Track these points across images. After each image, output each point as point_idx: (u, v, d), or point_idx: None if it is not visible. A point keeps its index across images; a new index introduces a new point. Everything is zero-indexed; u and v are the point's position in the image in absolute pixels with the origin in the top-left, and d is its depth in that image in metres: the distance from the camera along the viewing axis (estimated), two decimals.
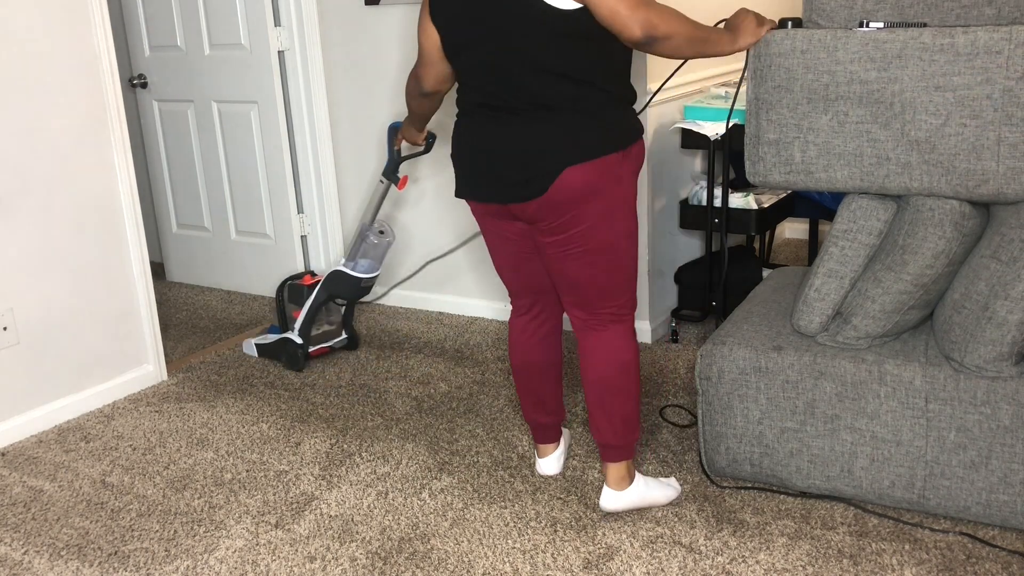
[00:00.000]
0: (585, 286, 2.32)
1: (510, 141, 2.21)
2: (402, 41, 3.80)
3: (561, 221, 2.22)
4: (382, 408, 3.17)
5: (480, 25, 2.16)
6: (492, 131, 2.24)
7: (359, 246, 3.42)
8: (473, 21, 2.17)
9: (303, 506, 2.59)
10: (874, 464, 2.38)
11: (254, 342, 3.64)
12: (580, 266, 2.28)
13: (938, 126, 2.20)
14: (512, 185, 2.22)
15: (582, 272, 2.29)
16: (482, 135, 2.26)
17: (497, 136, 2.23)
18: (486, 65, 2.19)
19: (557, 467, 2.67)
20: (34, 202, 3.04)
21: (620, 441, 2.41)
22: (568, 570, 2.26)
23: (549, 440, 2.66)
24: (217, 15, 4.05)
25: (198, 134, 4.33)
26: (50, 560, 2.40)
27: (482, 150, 2.27)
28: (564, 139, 2.17)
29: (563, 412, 2.66)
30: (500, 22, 2.13)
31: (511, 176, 2.22)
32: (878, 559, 2.24)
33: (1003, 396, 2.22)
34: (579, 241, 2.25)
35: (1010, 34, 2.10)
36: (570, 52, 2.12)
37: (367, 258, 3.42)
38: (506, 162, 2.22)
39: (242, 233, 4.38)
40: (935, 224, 2.26)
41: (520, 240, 2.39)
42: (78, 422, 3.17)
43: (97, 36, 3.14)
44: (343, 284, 3.43)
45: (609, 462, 2.44)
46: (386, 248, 3.43)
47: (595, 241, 2.25)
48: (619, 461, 2.43)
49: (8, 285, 3.00)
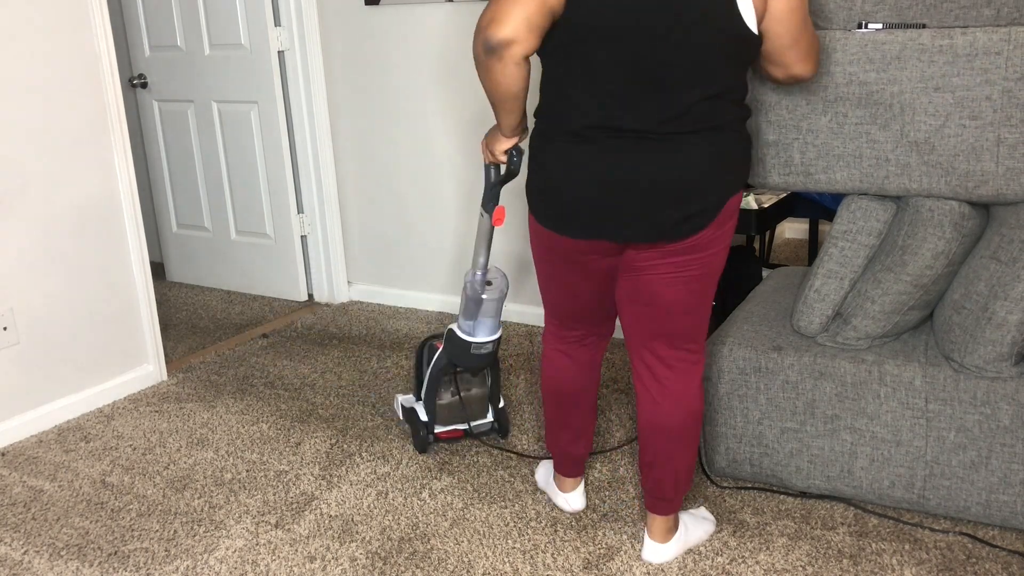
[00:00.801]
0: (679, 316, 2.06)
1: (675, 171, 1.89)
2: (402, 41, 3.80)
3: (694, 244, 1.98)
4: (382, 408, 3.17)
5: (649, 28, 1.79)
6: (632, 160, 1.88)
7: (466, 302, 2.62)
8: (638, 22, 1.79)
9: (303, 506, 2.59)
10: (874, 464, 2.39)
11: (401, 400, 2.97)
12: (685, 292, 2.04)
13: (937, 127, 2.20)
14: (676, 222, 1.92)
15: (683, 298, 2.05)
16: (615, 165, 1.89)
17: (652, 165, 1.88)
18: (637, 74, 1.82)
19: (584, 501, 2.49)
20: (34, 202, 3.04)
21: (676, 494, 2.22)
22: (568, 570, 2.26)
23: (577, 473, 2.46)
24: (217, 15, 4.05)
25: (198, 134, 4.33)
26: (50, 560, 2.40)
27: (616, 184, 1.90)
28: (730, 165, 1.94)
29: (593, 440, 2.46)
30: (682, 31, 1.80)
31: (666, 214, 1.91)
32: (878, 559, 2.24)
33: (1003, 396, 2.22)
34: (697, 265, 2.01)
35: (1009, 35, 2.10)
36: (735, 71, 1.89)
37: (485, 316, 2.62)
38: (658, 197, 1.90)
39: (242, 233, 4.38)
40: (934, 225, 2.26)
41: (608, 273, 2.12)
42: (78, 422, 3.17)
43: (97, 36, 3.14)
44: (456, 348, 2.66)
45: (657, 514, 2.24)
46: (500, 300, 2.61)
47: (711, 266, 2.04)
48: (670, 514, 2.24)
49: (8, 285, 3.01)
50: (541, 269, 2.20)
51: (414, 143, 3.93)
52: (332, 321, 4.04)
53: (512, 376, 3.36)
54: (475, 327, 2.62)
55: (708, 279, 2.06)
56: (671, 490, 2.20)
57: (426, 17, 3.71)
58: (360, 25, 3.87)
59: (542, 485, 2.58)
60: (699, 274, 2.03)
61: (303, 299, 4.32)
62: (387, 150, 4.01)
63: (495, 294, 2.58)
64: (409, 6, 3.73)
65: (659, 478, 2.19)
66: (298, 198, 4.22)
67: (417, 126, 3.90)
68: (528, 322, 3.89)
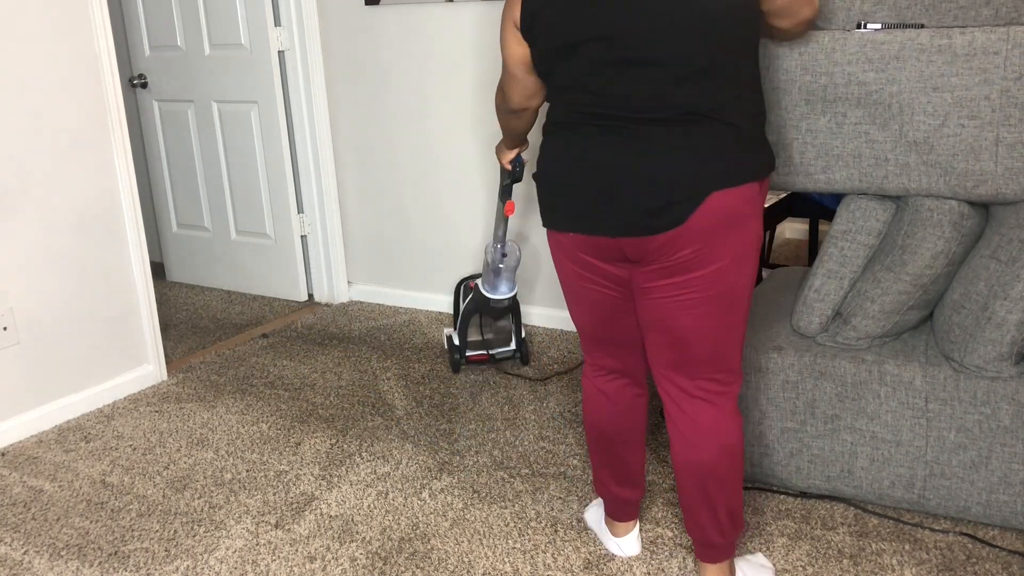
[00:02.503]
0: (695, 343, 1.90)
1: (640, 159, 1.78)
2: (402, 41, 3.80)
3: (686, 259, 1.82)
4: (382, 408, 3.17)
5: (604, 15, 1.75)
6: (611, 147, 1.81)
7: (487, 269, 3.23)
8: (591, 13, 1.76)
9: (303, 506, 2.59)
10: (874, 464, 2.39)
11: (447, 332, 3.57)
12: (695, 317, 1.87)
13: (936, 127, 2.20)
14: (641, 214, 1.80)
15: (695, 325, 1.88)
16: (595, 152, 1.83)
17: (619, 153, 1.80)
18: (607, 64, 1.77)
19: (639, 546, 2.30)
20: (34, 202, 3.04)
21: (724, 539, 2.03)
22: (568, 570, 2.26)
23: (631, 517, 2.27)
24: (217, 15, 4.05)
25: (198, 134, 4.34)
26: (50, 560, 2.40)
27: (596, 171, 1.83)
28: (710, 157, 1.78)
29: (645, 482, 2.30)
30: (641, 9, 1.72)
31: (641, 203, 1.79)
32: (878, 559, 2.24)
33: (1003, 396, 2.22)
34: (701, 286, 1.84)
35: (1008, 35, 2.10)
36: (725, 45, 1.75)
37: (503, 278, 3.22)
38: (634, 185, 1.79)
39: (242, 233, 4.38)
40: (934, 224, 2.26)
41: (620, 285, 1.97)
42: (78, 422, 3.17)
43: (97, 36, 3.14)
44: (481, 301, 3.29)
45: (708, 563, 2.06)
46: (514, 267, 3.21)
47: (721, 286, 1.85)
48: (722, 561, 2.05)
49: (8, 285, 3.01)
50: (563, 282, 2.08)
51: (414, 143, 3.93)
52: (332, 321, 4.04)
53: (510, 375, 3.35)
54: (495, 286, 3.23)
55: (722, 301, 1.86)
56: (716, 534, 2.01)
57: (426, 17, 3.71)
58: (360, 25, 3.87)
59: (592, 526, 2.40)
60: (707, 296, 1.85)
61: (303, 299, 4.32)
62: (387, 150, 4.01)
63: (511, 262, 3.20)
64: (409, 6, 3.73)
65: (700, 521, 2.02)
66: (298, 198, 4.22)
67: (417, 126, 3.90)
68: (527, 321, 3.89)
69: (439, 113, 3.83)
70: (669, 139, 1.77)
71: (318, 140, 4.08)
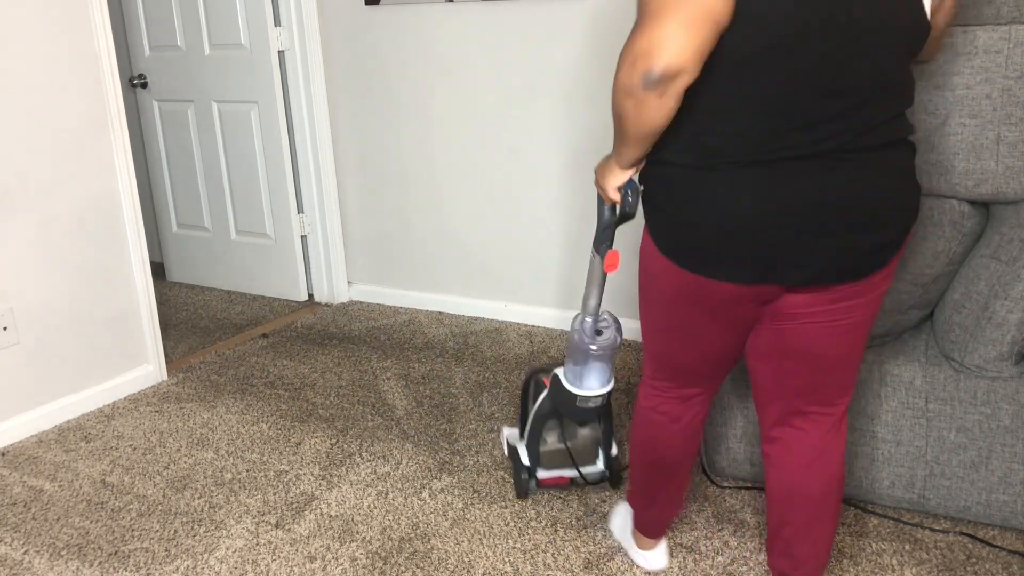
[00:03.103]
0: (832, 368, 1.77)
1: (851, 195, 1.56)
2: (402, 41, 3.80)
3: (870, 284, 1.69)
4: (382, 408, 3.17)
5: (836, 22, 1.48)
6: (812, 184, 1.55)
7: (573, 349, 2.29)
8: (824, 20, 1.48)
9: (303, 506, 2.59)
10: (874, 464, 2.39)
11: (506, 435, 2.71)
12: (846, 340, 1.74)
13: (937, 125, 2.20)
14: (853, 258, 1.61)
15: (845, 348, 1.75)
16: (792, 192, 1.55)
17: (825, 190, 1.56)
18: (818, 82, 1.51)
19: (667, 559, 2.26)
20: (34, 201, 3.04)
21: (820, 572, 1.94)
22: (569, 570, 2.26)
23: (662, 534, 2.23)
24: (217, 15, 4.05)
25: (198, 134, 4.34)
26: (50, 560, 2.40)
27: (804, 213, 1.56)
28: (912, 187, 1.64)
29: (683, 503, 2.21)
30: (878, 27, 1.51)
31: (854, 246, 1.59)
32: (878, 559, 2.24)
33: (1003, 396, 2.22)
34: (863, 310, 1.72)
35: (1009, 33, 2.10)
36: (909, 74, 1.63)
37: (594, 363, 2.28)
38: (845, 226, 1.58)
39: (242, 233, 4.38)
40: (934, 223, 2.26)
41: (748, 325, 1.79)
42: (78, 422, 3.17)
43: (97, 36, 3.14)
44: (561, 398, 2.36)
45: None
46: (611, 350, 2.26)
47: (876, 308, 1.74)
48: None
49: (8, 285, 3.01)
50: (662, 319, 1.82)
51: (414, 143, 3.93)
52: (332, 321, 4.04)
53: (511, 376, 3.35)
54: (583, 376, 2.29)
55: (870, 323, 1.76)
56: (814, 568, 1.92)
57: (426, 17, 3.71)
58: (360, 25, 3.87)
59: (617, 535, 2.34)
60: (862, 319, 1.72)
61: (303, 299, 4.32)
62: (387, 150, 4.01)
63: (607, 342, 2.23)
64: (409, 6, 3.73)
65: (800, 556, 1.90)
66: (298, 198, 4.22)
67: (417, 126, 3.90)
68: (528, 322, 3.89)
69: (439, 113, 3.83)
70: (885, 168, 1.59)
71: (318, 140, 4.08)
